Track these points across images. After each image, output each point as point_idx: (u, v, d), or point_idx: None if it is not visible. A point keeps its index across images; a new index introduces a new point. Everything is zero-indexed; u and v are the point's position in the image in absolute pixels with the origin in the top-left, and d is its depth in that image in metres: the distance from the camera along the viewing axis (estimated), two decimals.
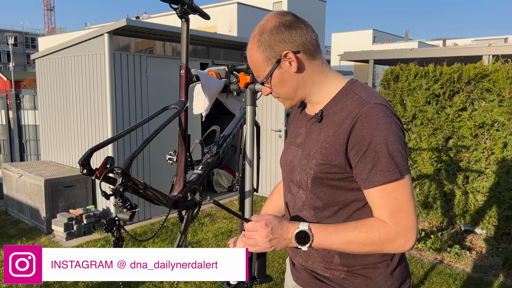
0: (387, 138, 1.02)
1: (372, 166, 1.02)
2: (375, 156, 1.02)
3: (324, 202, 1.15)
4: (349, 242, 1.05)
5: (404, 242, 1.03)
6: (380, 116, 1.03)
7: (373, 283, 1.15)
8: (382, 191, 1.03)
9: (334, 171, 1.10)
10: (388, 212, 1.03)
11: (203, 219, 5.04)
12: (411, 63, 4.53)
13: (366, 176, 1.04)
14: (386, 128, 1.02)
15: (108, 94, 4.60)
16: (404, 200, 1.03)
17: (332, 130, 1.10)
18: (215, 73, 1.91)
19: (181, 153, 1.46)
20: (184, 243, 1.44)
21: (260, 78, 1.16)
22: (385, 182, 1.02)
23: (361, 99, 1.08)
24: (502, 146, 3.97)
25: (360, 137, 1.03)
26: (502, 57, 4.48)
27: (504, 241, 4.19)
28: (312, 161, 1.13)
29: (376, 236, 1.03)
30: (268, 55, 1.11)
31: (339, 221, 1.15)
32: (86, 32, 6.79)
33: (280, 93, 1.18)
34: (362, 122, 1.04)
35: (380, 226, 1.04)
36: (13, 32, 44.51)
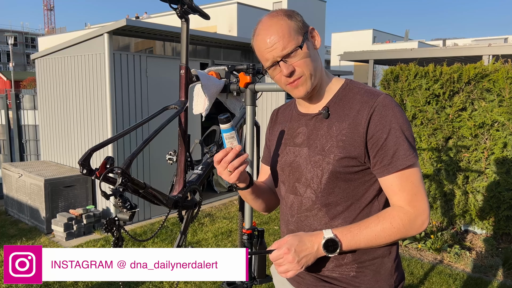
0: (403, 125, 1.09)
1: (394, 151, 1.08)
2: (396, 142, 1.07)
3: (338, 198, 1.16)
4: (376, 236, 1.09)
5: (422, 222, 1.09)
6: (395, 105, 1.10)
7: (382, 277, 1.17)
8: (401, 175, 1.08)
9: (352, 164, 1.12)
10: (407, 196, 1.09)
11: (203, 219, 5.04)
12: (411, 63, 4.53)
13: (388, 162, 1.08)
14: (401, 116, 1.09)
15: (108, 94, 4.60)
16: (418, 182, 1.10)
17: (347, 123, 1.12)
18: (215, 73, 1.91)
19: (181, 153, 1.46)
20: (184, 243, 1.44)
21: (289, 48, 1.09)
22: (408, 165, 1.07)
23: (371, 90, 1.14)
24: (502, 146, 3.97)
25: (380, 125, 1.08)
26: (502, 57, 4.48)
27: (504, 241, 4.19)
28: (330, 156, 1.13)
29: (400, 224, 1.08)
30: (301, 25, 1.13)
31: (351, 216, 1.16)
32: (86, 32, 6.79)
33: (307, 68, 1.12)
34: (380, 111, 1.09)
35: (401, 213, 1.09)
36: (13, 32, 44.50)
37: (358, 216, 1.16)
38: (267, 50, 1.11)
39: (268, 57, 1.12)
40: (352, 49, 10.78)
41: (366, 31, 33.39)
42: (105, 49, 4.55)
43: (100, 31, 4.62)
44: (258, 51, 1.16)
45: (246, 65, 1.77)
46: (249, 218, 1.93)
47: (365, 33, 33.06)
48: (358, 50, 9.89)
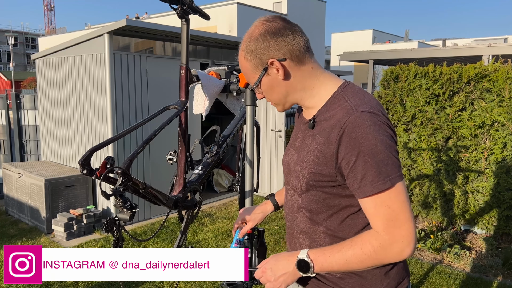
0: (375, 148, 1.01)
1: (362, 176, 1.02)
2: (364, 167, 1.01)
3: (318, 206, 1.17)
4: (347, 262, 1.06)
5: (401, 250, 1.02)
6: (367, 126, 1.02)
7: (368, 283, 1.15)
8: (374, 200, 1.03)
9: (326, 179, 1.11)
10: (382, 221, 1.03)
11: (203, 219, 5.04)
12: (411, 63, 4.54)
13: (357, 186, 1.04)
14: (374, 138, 1.01)
15: (108, 94, 4.60)
16: (397, 207, 1.02)
17: (323, 139, 1.10)
18: (215, 73, 1.91)
19: (181, 153, 1.46)
20: (184, 243, 1.44)
21: (251, 85, 1.19)
22: (376, 192, 1.02)
23: (349, 107, 1.07)
24: (502, 146, 3.97)
25: (349, 148, 1.03)
26: (502, 57, 4.48)
27: (503, 241, 4.19)
28: (305, 169, 1.14)
29: (370, 250, 1.04)
30: (255, 63, 1.13)
31: (333, 225, 1.16)
32: (86, 32, 6.79)
33: (271, 99, 1.20)
34: (349, 133, 1.03)
35: (372, 239, 1.04)
36: (13, 32, 44.50)
37: (341, 225, 1.16)
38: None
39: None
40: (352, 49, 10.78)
41: (366, 31, 33.39)
42: (105, 49, 4.56)
43: (100, 31, 4.62)
44: None
45: None
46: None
47: (365, 33, 33.07)
48: (358, 50, 9.89)
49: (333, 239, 1.17)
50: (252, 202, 1.80)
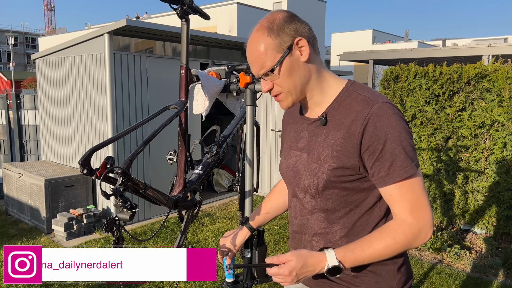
0: (400, 135, 1.05)
1: (390, 163, 1.05)
2: (392, 154, 1.04)
3: (335, 204, 1.16)
4: (380, 255, 1.08)
5: (426, 233, 1.07)
6: (391, 114, 1.06)
7: (382, 279, 1.16)
8: (401, 186, 1.06)
9: (347, 173, 1.10)
10: (408, 206, 1.07)
11: (203, 219, 5.04)
12: (411, 63, 4.53)
13: (385, 174, 1.06)
14: (398, 125, 1.05)
15: (108, 94, 4.60)
16: (420, 192, 1.07)
17: (342, 132, 1.10)
18: (215, 73, 1.91)
19: (181, 153, 1.46)
20: (184, 243, 1.44)
21: (266, 68, 1.10)
22: (405, 177, 1.05)
23: (367, 99, 1.10)
24: (502, 146, 3.97)
25: (375, 137, 1.05)
26: (502, 57, 4.48)
27: (503, 241, 4.19)
28: (325, 165, 1.12)
29: (403, 239, 1.07)
30: (281, 40, 1.09)
31: (350, 222, 1.16)
32: (86, 32, 6.79)
33: (285, 86, 1.13)
34: (374, 122, 1.05)
35: (403, 226, 1.07)
36: (13, 32, 44.48)
37: (358, 221, 1.16)
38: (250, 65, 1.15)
39: (252, 71, 1.16)
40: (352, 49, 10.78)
41: (366, 31, 33.38)
42: (105, 49, 4.56)
43: (100, 31, 4.63)
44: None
45: (246, 65, 1.77)
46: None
47: (365, 33, 33.06)
48: (358, 50, 9.90)
49: (349, 237, 1.16)
50: (252, 202, 1.80)
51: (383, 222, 1.15)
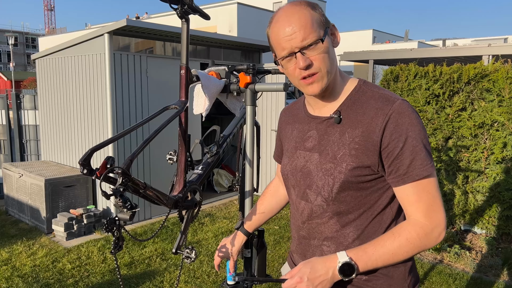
0: (420, 134, 1.04)
1: (410, 160, 1.03)
2: (413, 151, 1.03)
3: (350, 206, 1.12)
4: (394, 254, 1.06)
5: (439, 234, 1.06)
6: (411, 112, 1.05)
7: (395, 282, 1.14)
8: (417, 185, 1.04)
9: (365, 173, 1.08)
10: (424, 207, 1.05)
11: (203, 219, 5.04)
12: (411, 63, 4.54)
13: (404, 171, 1.04)
14: (418, 123, 1.04)
15: (108, 94, 4.60)
16: (435, 192, 1.06)
17: (360, 130, 1.07)
18: (215, 73, 1.91)
19: (181, 153, 1.46)
20: (184, 243, 1.44)
21: (310, 39, 1.02)
22: (425, 175, 1.03)
23: (386, 96, 1.08)
24: (502, 146, 3.97)
25: (396, 134, 1.03)
26: (502, 57, 4.48)
27: (504, 241, 4.19)
28: (342, 165, 1.08)
29: (416, 239, 1.05)
30: (323, 19, 1.07)
31: (363, 224, 1.13)
32: (86, 32, 6.79)
33: (325, 65, 1.06)
34: (396, 119, 1.03)
35: (417, 227, 1.05)
36: (13, 32, 44.50)
37: (370, 223, 1.13)
38: (286, 38, 1.03)
39: (286, 46, 1.04)
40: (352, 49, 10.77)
41: (366, 31, 33.36)
42: (105, 49, 4.56)
43: (100, 31, 4.63)
44: (274, 39, 1.07)
45: (246, 65, 1.77)
46: None
47: (365, 33, 33.04)
48: (358, 50, 9.89)
49: (361, 240, 1.13)
50: (252, 202, 1.80)
51: (394, 224, 1.14)
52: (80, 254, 3.98)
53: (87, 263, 3.79)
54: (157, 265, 3.76)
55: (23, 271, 3.62)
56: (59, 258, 3.89)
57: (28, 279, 3.47)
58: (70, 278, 3.50)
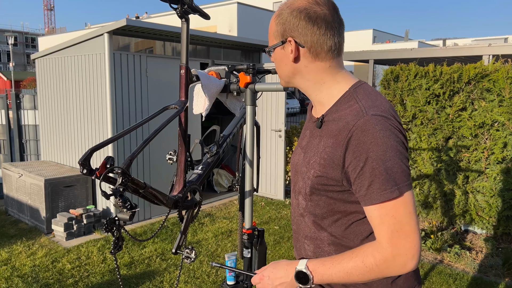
0: (384, 154, 0.96)
1: (369, 183, 0.97)
2: (372, 173, 0.96)
3: (323, 211, 1.12)
4: (348, 274, 1.02)
5: (404, 263, 0.98)
6: (378, 130, 0.97)
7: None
8: (380, 209, 0.98)
9: (331, 183, 1.06)
10: (387, 232, 0.98)
11: (203, 219, 5.04)
12: (411, 63, 4.53)
13: (364, 193, 0.99)
14: (383, 143, 0.96)
15: (108, 94, 4.60)
16: (403, 218, 0.97)
17: (331, 141, 1.05)
18: (215, 73, 1.91)
19: (181, 153, 1.46)
20: (184, 243, 1.44)
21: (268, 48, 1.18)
22: (383, 201, 0.97)
23: (359, 109, 1.02)
24: (502, 146, 3.97)
25: (357, 153, 0.98)
26: (502, 57, 4.47)
27: (504, 241, 4.19)
28: (311, 171, 1.10)
29: (372, 263, 0.99)
30: (279, 30, 1.11)
31: (339, 231, 1.12)
32: (86, 32, 6.79)
33: (277, 70, 1.20)
34: (358, 136, 0.98)
35: (375, 251, 1.00)
36: (13, 32, 44.50)
37: (346, 231, 1.11)
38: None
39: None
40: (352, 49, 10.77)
41: (366, 31, 33.36)
42: (105, 49, 4.55)
43: (100, 31, 4.62)
44: None
45: (246, 65, 1.77)
46: (249, 218, 1.93)
47: (365, 33, 33.04)
48: (358, 50, 9.89)
49: (337, 246, 1.12)
50: (252, 202, 1.80)
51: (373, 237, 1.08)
52: (79, 254, 3.97)
53: (87, 263, 3.79)
54: (157, 265, 3.76)
55: (23, 271, 3.62)
56: (59, 258, 3.89)
57: (28, 279, 3.47)
58: (70, 278, 3.50)
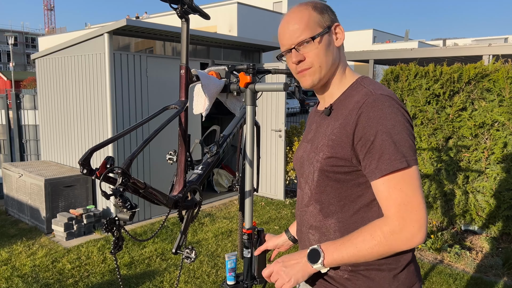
0: (393, 128, 1.02)
1: (379, 156, 1.02)
2: (381, 146, 1.01)
3: (330, 197, 1.15)
4: (358, 249, 1.04)
5: (411, 235, 1.00)
6: (386, 106, 1.03)
7: (375, 285, 1.12)
8: (388, 181, 1.02)
9: (341, 164, 1.09)
10: (394, 205, 1.01)
11: (203, 219, 5.04)
12: (411, 63, 4.53)
13: (374, 167, 1.03)
14: (392, 118, 1.02)
15: (108, 94, 4.60)
16: (410, 191, 1.01)
17: (339, 122, 1.11)
18: (215, 73, 1.91)
19: (181, 153, 1.46)
20: (184, 243, 1.44)
21: (305, 36, 1.12)
22: (392, 171, 1.00)
23: (367, 91, 1.10)
24: (502, 146, 3.97)
25: (367, 128, 1.03)
26: (502, 57, 4.47)
27: (504, 241, 4.19)
28: (319, 154, 1.14)
29: (380, 236, 1.01)
30: (324, 18, 1.14)
31: (346, 217, 1.14)
32: (86, 32, 6.79)
33: (318, 61, 1.14)
34: (368, 112, 1.04)
35: (382, 224, 1.02)
36: (13, 32, 44.52)
37: (353, 217, 1.13)
38: (285, 35, 1.15)
39: (284, 43, 1.16)
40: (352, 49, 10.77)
41: (366, 31, 33.37)
42: (105, 49, 4.56)
43: (100, 31, 4.62)
44: (278, 36, 1.20)
45: (246, 65, 1.77)
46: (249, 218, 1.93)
47: (365, 33, 33.05)
48: (358, 50, 9.88)
49: (343, 233, 1.14)
50: (252, 202, 1.80)
51: None
52: (80, 254, 3.97)
53: (87, 263, 3.79)
54: (157, 265, 3.76)
55: (23, 271, 3.62)
56: (59, 258, 3.89)
57: (28, 279, 3.47)
58: (70, 278, 3.50)
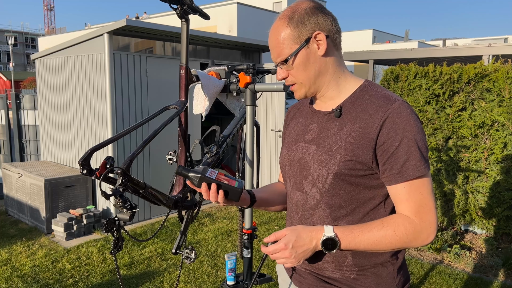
0: (416, 135, 1.06)
1: (404, 160, 1.05)
2: (407, 151, 1.05)
3: (342, 200, 1.14)
4: (377, 242, 1.07)
5: (427, 236, 1.07)
6: (410, 113, 1.07)
7: (383, 281, 1.15)
8: (410, 186, 1.06)
9: (359, 167, 1.10)
10: (414, 207, 1.07)
11: (203, 219, 5.04)
12: (411, 63, 4.53)
13: (398, 171, 1.06)
14: (416, 125, 1.07)
15: (108, 94, 4.60)
16: (427, 194, 1.07)
17: (358, 125, 1.10)
18: (215, 73, 1.91)
19: (181, 153, 1.46)
20: (184, 243, 1.44)
21: (282, 57, 1.13)
22: (417, 176, 1.05)
23: (387, 96, 1.11)
24: (502, 146, 3.97)
25: (392, 133, 1.06)
26: (502, 57, 4.47)
27: (504, 241, 4.19)
28: (337, 157, 1.12)
29: (403, 233, 1.06)
30: (300, 32, 1.11)
31: (355, 220, 1.14)
32: (86, 32, 6.79)
33: (299, 78, 1.15)
34: (394, 118, 1.06)
35: (406, 223, 1.07)
36: (13, 32, 44.52)
37: (362, 220, 1.14)
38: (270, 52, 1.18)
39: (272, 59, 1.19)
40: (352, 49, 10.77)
41: (366, 31, 33.35)
42: (105, 49, 4.55)
43: (100, 31, 4.62)
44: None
45: (246, 65, 1.77)
46: (249, 218, 1.93)
47: (365, 33, 33.03)
48: (358, 50, 9.88)
49: None
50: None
51: None
52: (79, 254, 3.97)
53: (87, 263, 3.79)
54: (156, 266, 3.76)
55: (23, 271, 3.62)
56: (59, 258, 3.89)
57: (28, 279, 3.47)
58: (70, 278, 3.50)
